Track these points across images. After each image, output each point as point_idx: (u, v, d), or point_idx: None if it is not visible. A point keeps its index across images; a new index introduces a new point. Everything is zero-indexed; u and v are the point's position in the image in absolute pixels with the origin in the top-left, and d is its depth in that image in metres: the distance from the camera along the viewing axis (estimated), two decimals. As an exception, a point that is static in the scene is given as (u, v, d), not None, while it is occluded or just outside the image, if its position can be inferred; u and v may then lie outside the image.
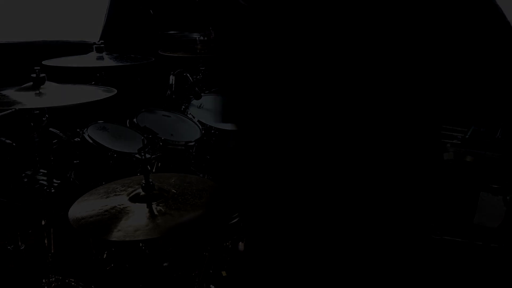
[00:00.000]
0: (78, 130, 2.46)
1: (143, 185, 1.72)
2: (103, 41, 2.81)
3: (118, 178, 1.92)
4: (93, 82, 2.78)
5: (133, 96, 3.16)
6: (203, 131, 2.64)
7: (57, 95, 1.95)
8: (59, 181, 2.12)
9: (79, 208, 1.68)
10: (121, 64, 2.73)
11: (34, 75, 1.95)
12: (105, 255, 2.07)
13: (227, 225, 1.93)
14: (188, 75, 2.81)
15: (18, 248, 2.15)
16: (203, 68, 3.14)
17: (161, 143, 2.42)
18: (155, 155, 2.35)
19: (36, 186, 2.07)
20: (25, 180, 2.12)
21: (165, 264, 1.92)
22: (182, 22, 3.44)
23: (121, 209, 1.67)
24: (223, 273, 1.90)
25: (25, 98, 1.88)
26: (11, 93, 1.92)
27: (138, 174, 2.04)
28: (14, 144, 2.26)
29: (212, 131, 2.71)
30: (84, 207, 1.69)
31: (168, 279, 1.92)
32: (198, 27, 3.25)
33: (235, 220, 1.93)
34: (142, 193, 1.72)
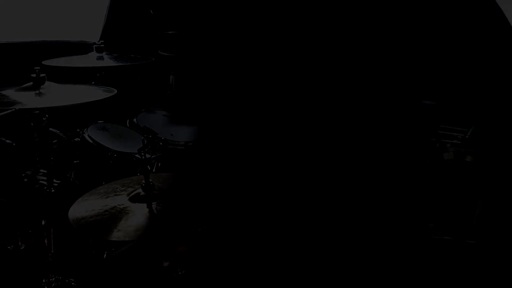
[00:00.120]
0: (78, 130, 2.46)
1: (143, 185, 1.72)
2: (103, 41, 2.81)
3: (118, 178, 1.92)
4: (93, 82, 2.78)
5: (133, 96, 3.16)
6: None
7: (57, 95, 1.95)
8: (59, 181, 2.12)
9: (79, 208, 1.68)
10: (121, 64, 2.73)
11: (34, 75, 1.95)
12: (105, 255, 2.07)
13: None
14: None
15: (18, 248, 2.15)
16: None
17: (161, 143, 2.42)
18: (155, 155, 2.35)
19: (36, 186, 2.07)
20: (25, 180, 2.12)
21: (166, 264, 1.92)
22: (182, 22, 3.43)
23: (121, 209, 1.67)
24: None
25: (25, 98, 1.88)
26: (11, 93, 1.93)
27: (138, 174, 2.03)
28: (14, 144, 2.26)
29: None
30: (84, 207, 1.69)
31: (168, 279, 1.92)
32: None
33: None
34: (142, 193, 1.72)
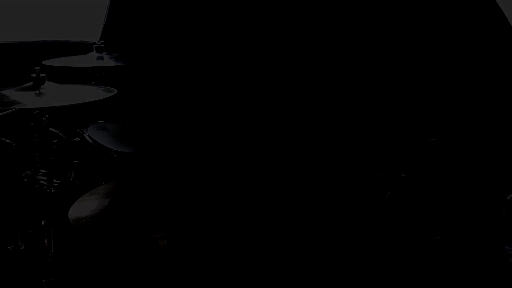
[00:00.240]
0: (78, 130, 2.46)
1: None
2: (103, 41, 2.82)
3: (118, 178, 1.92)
4: (93, 82, 2.78)
5: (133, 96, 3.16)
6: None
7: (57, 95, 1.95)
8: (59, 181, 2.12)
9: (79, 208, 1.68)
10: (121, 64, 2.73)
11: (34, 75, 1.95)
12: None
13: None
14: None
15: (18, 248, 2.16)
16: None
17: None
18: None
19: (36, 186, 2.07)
20: (25, 180, 2.12)
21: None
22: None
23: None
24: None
25: (25, 98, 1.88)
26: (11, 93, 1.93)
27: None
28: (14, 144, 2.26)
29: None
30: (84, 207, 1.69)
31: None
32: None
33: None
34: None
